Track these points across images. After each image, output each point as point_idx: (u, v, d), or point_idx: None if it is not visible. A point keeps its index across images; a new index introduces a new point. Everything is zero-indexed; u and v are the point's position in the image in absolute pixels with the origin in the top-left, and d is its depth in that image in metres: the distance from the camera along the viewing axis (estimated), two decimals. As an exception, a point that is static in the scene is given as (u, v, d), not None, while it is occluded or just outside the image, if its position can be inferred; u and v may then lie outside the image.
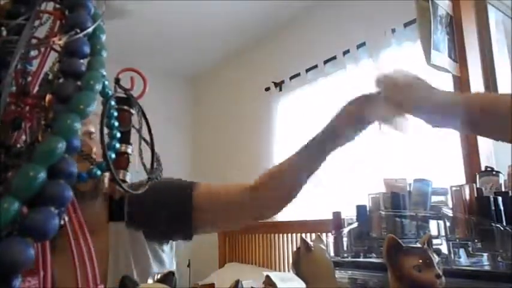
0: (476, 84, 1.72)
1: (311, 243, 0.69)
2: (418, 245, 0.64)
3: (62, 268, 0.76)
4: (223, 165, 3.83)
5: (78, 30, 0.34)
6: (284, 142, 3.07)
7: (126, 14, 2.99)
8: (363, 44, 2.61)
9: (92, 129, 0.95)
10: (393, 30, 2.45)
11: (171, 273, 0.46)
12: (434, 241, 0.82)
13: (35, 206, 0.28)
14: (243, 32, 3.44)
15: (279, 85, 3.28)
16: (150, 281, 0.49)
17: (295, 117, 3.06)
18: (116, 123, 0.40)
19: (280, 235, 2.99)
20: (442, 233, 0.92)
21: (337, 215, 1.15)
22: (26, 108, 0.35)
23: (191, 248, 4.13)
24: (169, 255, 1.02)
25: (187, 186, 0.96)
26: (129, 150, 0.42)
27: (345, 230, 1.05)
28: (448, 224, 0.89)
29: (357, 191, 2.32)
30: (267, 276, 0.87)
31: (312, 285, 0.66)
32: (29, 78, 0.37)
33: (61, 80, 0.34)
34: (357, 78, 2.65)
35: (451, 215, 0.90)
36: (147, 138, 0.46)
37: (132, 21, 3.18)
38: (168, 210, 0.94)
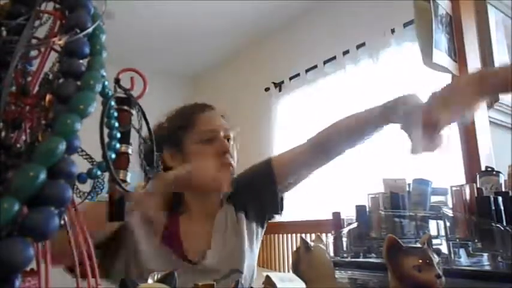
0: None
1: (311, 244, 0.69)
2: (418, 245, 0.64)
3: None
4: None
5: (78, 31, 0.34)
6: (283, 142, 3.07)
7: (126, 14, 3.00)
8: (363, 44, 2.61)
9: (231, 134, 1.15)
10: (393, 31, 2.45)
11: (171, 273, 0.46)
12: (434, 241, 0.82)
13: (35, 206, 0.28)
14: (242, 32, 3.44)
15: (278, 85, 3.27)
16: (150, 280, 0.49)
17: (295, 118, 3.06)
18: (116, 124, 0.40)
19: (280, 235, 2.99)
20: (442, 233, 0.92)
21: (336, 215, 1.15)
22: (26, 108, 0.35)
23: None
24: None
25: (266, 162, 1.16)
26: (129, 151, 0.42)
27: (345, 230, 1.05)
28: (448, 224, 0.89)
29: (356, 191, 2.32)
30: (267, 277, 0.87)
31: (312, 285, 0.66)
32: (29, 78, 0.37)
33: (61, 80, 0.34)
34: (356, 79, 2.65)
35: (451, 215, 0.90)
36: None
37: (132, 21, 3.18)
38: (256, 186, 1.13)
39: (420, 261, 0.58)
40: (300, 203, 2.94)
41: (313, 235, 0.77)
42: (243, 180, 1.14)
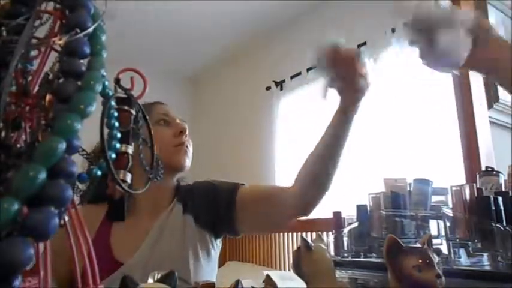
0: (476, 84, 1.72)
1: (311, 243, 0.69)
2: (418, 245, 0.64)
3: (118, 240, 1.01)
4: (223, 165, 3.83)
5: (79, 30, 0.34)
6: (285, 141, 3.07)
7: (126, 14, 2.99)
8: (364, 43, 2.61)
9: None
10: (393, 30, 2.45)
11: (171, 273, 0.46)
12: (434, 241, 0.82)
13: (35, 206, 0.28)
14: (243, 31, 3.44)
15: (279, 84, 3.27)
16: (150, 280, 0.49)
17: (296, 117, 3.06)
18: (116, 124, 0.40)
19: (281, 234, 2.99)
20: (442, 233, 0.92)
21: (337, 214, 1.15)
22: (26, 108, 0.35)
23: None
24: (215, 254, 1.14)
25: (233, 189, 1.10)
26: (129, 151, 0.42)
27: (345, 230, 1.05)
28: (448, 224, 0.89)
29: (357, 191, 2.32)
30: (267, 276, 0.87)
31: (313, 284, 0.66)
32: (29, 78, 0.36)
33: (61, 80, 0.34)
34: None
35: (451, 215, 0.90)
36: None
37: (133, 21, 3.18)
38: (215, 209, 1.08)
39: (420, 261, 0.57)
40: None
41: (314, 234, 0.77)
42: (203, 189, 1.13)
